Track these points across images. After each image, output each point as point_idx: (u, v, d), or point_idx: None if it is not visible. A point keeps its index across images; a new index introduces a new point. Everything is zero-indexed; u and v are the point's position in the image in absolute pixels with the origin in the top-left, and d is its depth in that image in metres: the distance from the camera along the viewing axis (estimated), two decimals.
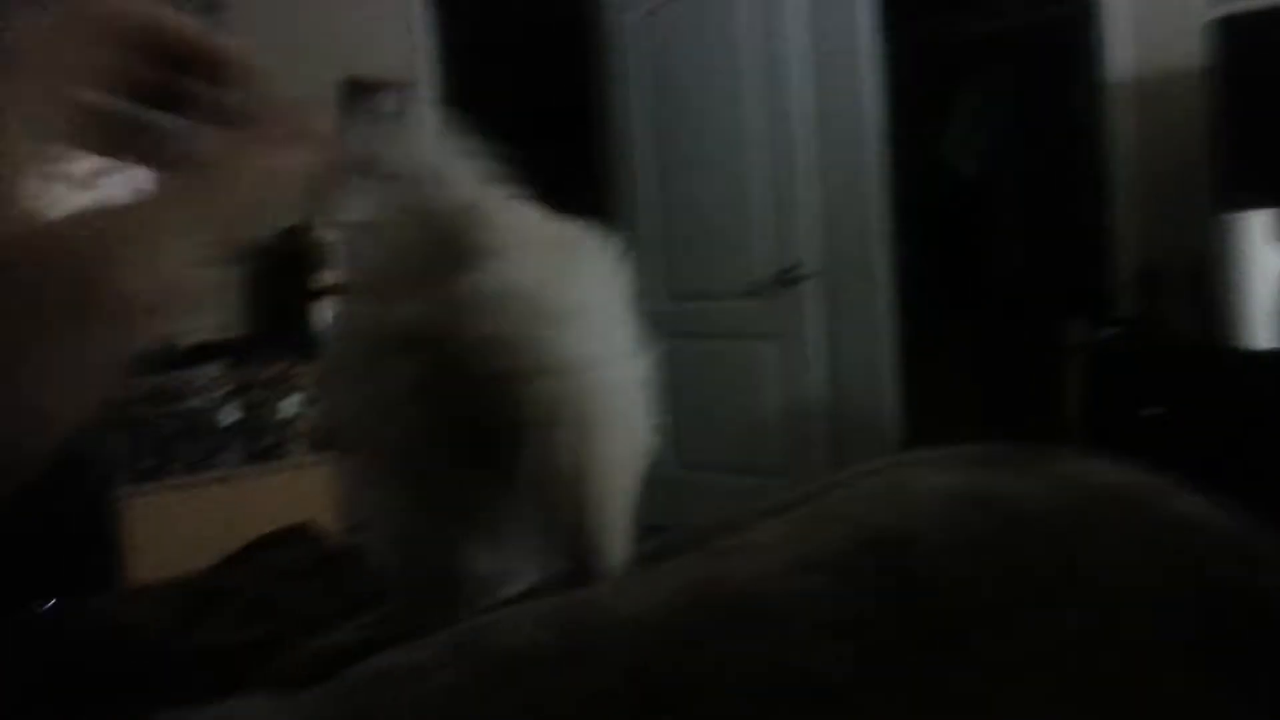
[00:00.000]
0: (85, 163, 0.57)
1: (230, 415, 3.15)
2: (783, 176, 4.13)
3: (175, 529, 2.98)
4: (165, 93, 0.57)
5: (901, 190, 4.00)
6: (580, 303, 0.73)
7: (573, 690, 0.49)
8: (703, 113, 4.35)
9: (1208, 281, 3.05)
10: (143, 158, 0.59)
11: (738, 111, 4.22)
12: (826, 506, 0.61)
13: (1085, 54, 3.63)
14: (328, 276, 3.63)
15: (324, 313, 3.62)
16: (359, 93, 4.19)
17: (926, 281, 4.05)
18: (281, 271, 3.77)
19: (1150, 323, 3.30)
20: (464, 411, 0.70)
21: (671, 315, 4.57)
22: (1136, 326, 3.30)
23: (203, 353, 3.41)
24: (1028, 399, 3.98)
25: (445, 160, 0.76)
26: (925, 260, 4.06)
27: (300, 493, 3.12)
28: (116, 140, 0.57)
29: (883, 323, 4.03)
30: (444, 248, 0.71)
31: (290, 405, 3.25)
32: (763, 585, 0.51)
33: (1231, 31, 2.98)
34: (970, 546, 0.50)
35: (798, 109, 4.05)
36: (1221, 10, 3.06)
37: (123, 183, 0.60)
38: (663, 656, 0.50)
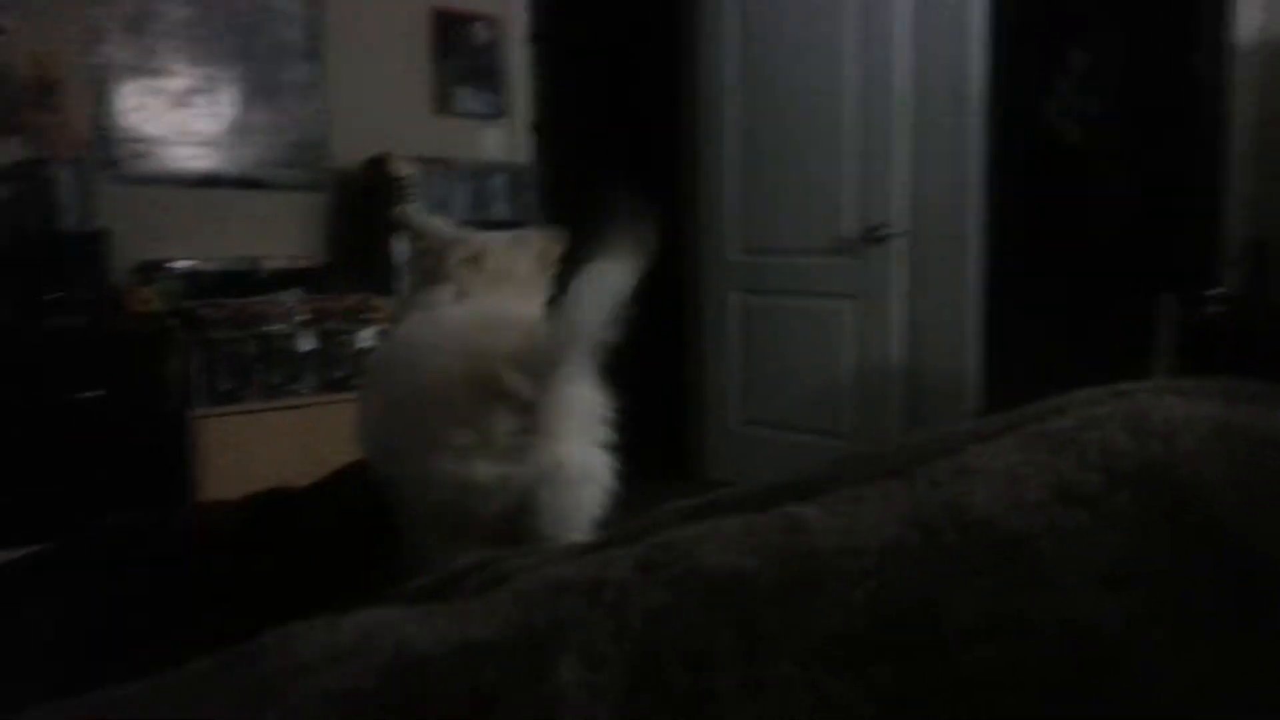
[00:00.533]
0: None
1: (307, 343, 3.17)
2: (875, 132, 4.00)
3: (248, 451, 3.02)
4: None
5: (1000, 153, 3.85)
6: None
7: (805, 626, 0.44)
8: (794, 62, 4.23)
9: None
10: None
11: (832, 63, 4.09)
12: (1059, 432, 0.55)
13: (1211, 15, 3.43)
14: (406, 211, 3.62)
15: (402, 246, 3.62)
16: (449, 25, 4.14)
17: (1019, 247, 3.90)
18: (363, 205, 3.78)
19: (1253, 297, 3.15)
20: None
21: (747, 269, 4.50)
22: (1239, 300, 3.15)
23: (285, 278, 3.43)
24: (1115, 373, 3.83)
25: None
26: (1020, 226, 3.91)
27: None
28: None
29: (969, 287, 3.90)
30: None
31: (365, 336, 3.26)
32: (1015, 519, 0.46)
33: None
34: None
35: (897, 64, 3.91)
36: None
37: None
38: (911, 595, 0.44)
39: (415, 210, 1.55)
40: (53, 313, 2.90)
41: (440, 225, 1.52)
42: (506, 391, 1.06)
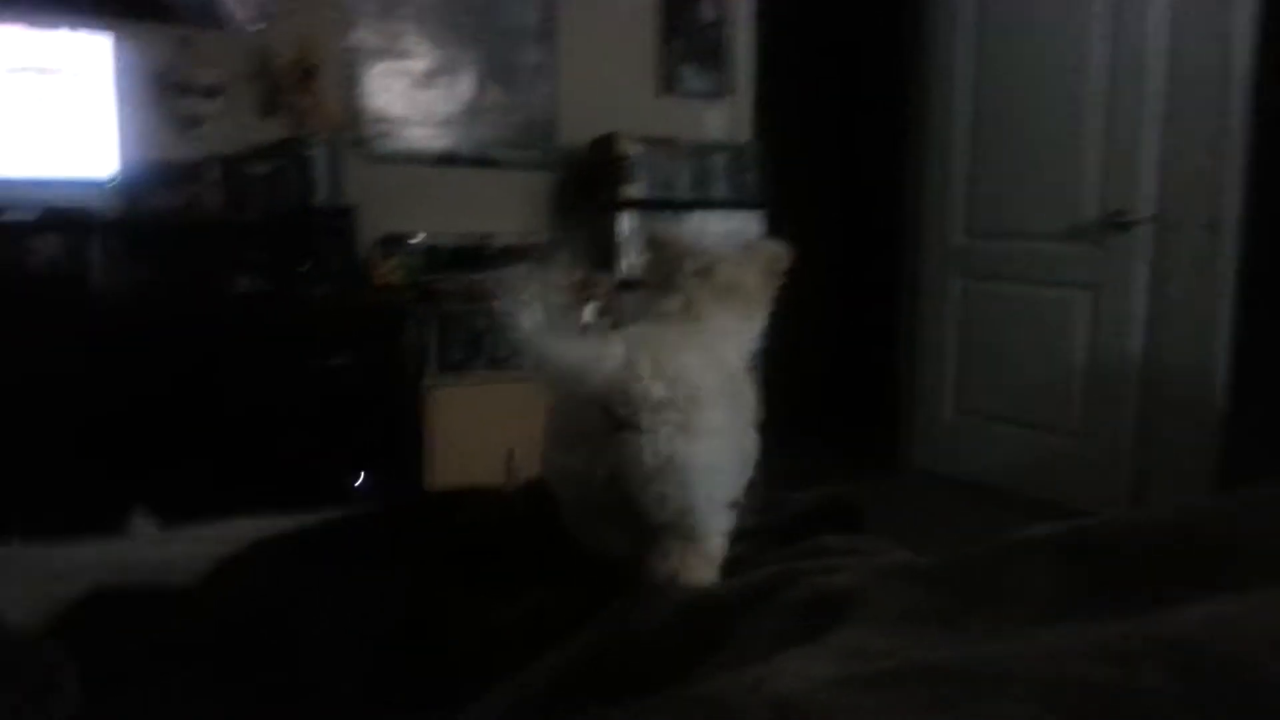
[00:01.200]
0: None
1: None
2: (1121, 110, 3.75)
3: (474, 420, 3.16)
4: None
5: (1266, 135, 3.53)
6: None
7: None
8: (1035, 34, 4.02)
9: None
10: None
11: (1078, 34, 3.85)
12: None
13: None
14: (630, 190, 3.67)
15: (624, 224, 3.67)
16: (677, 3, 4.16)
17: None
18: (588, 183, 3.86)
19: None
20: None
21: (971, 253, 4.33)
22: None
23: (513, 254, 3.55)
24: None
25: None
26: None
27: None
28: None
29: (1221, 281, 3.61)
30: None
31: (588, 311, 3.33)
32: None
33: None
34: None
35: (1152, 35, 3.64)
36: None
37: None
38: None
39: (660, 223, 1.56)
40: (305, 283, 3.11)
41: (679, 234, 1.52)
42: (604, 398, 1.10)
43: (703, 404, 1.11)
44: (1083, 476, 3.94)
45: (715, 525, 1.17)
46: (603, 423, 1.09)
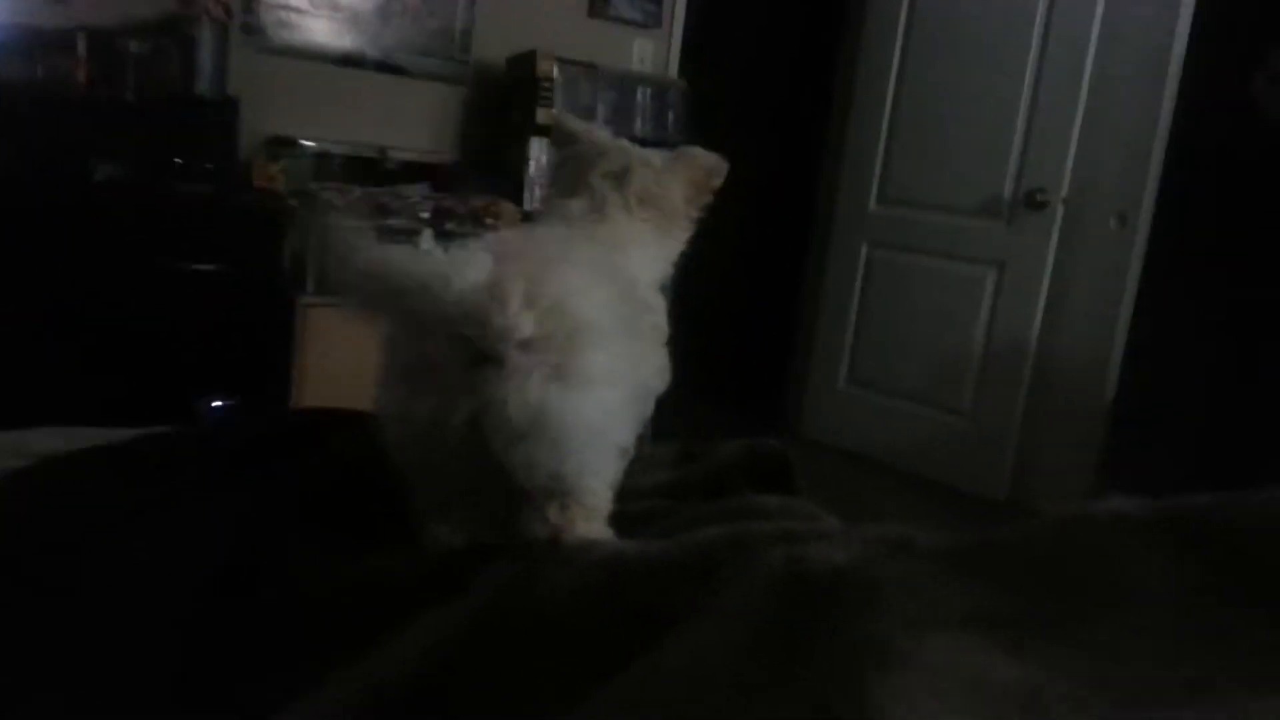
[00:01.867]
0: None
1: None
2: (1050, 92, 3.68)
3: (351, 344, 2.94)
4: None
5: (1191, 124, 3.50)
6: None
7: None
8: (972, 5, 3.90)
9: None
10: None
11: (1012, 12, 3.76)
12: None
13: None
14: (544, 115, 3.46)
15: (535, 150, 3.47)
16: None
17: (1196, 232, 3.56)
18: (502, 102, 3.64)
19: None
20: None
21: (884, 221, 4.24)
22: None
23: (412, 172, 3.33)
24: (1269, 384, 3.51)
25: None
26: (1203, 208, 3.56)
27: None
28: None
29: (1127, 268, 3.61)
30: None
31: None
32: None
33: None
34: None
35: (1087, 24, 3.57)
36: None
37: None
38: None
39: (566, 113, 1.37)
40: (176, 177, 2.84)
41: (596, 132, 1.34)
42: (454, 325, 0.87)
43: (586, 343, 0.88)
44: (967, 458, 3.93)
45: (601, 480, 0.96)
46: (456, 354, 0.86)
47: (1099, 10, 3.55)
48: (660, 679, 0.65)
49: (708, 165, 1.36)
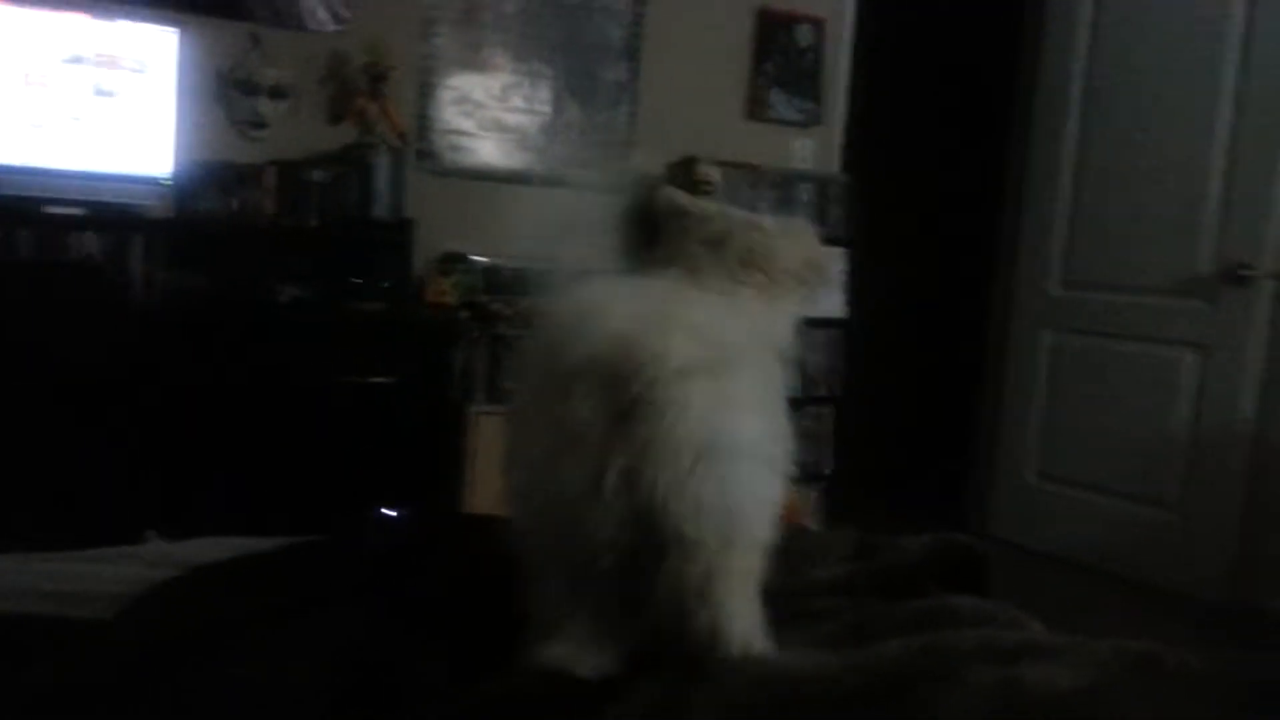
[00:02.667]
0: None
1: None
2: (1248, 157, 3.43)
3: None
4: None
5: None
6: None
7: None
8: (1153, 69, 3.71)
9: None
10: None
11: (1204, 70, 3.55)
12: None
13: None
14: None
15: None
16: (772, 25, 3.96)
17: None
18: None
19: None
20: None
21: (1068, 305, 4.01)
22: None
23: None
24: None
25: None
26: None
27: None
28: None
29: None
30: None
31: None
32: None
33: None
34: None
35: (1273, 73, 3.34)
36: None
37: None
38: None
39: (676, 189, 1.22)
40: (357, 296, 2.97)
41: (709, 206, 1.20)
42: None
43: (739, 365, 0.83)
44: (1180, 556, 3.58)
45: (760, 533, 0.86)
46: (602, 411, 0.78)
47: None
48: None
49: (816, 247, 1.22)
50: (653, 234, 1.18)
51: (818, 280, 1.20)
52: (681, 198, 1.22)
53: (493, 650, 0.89)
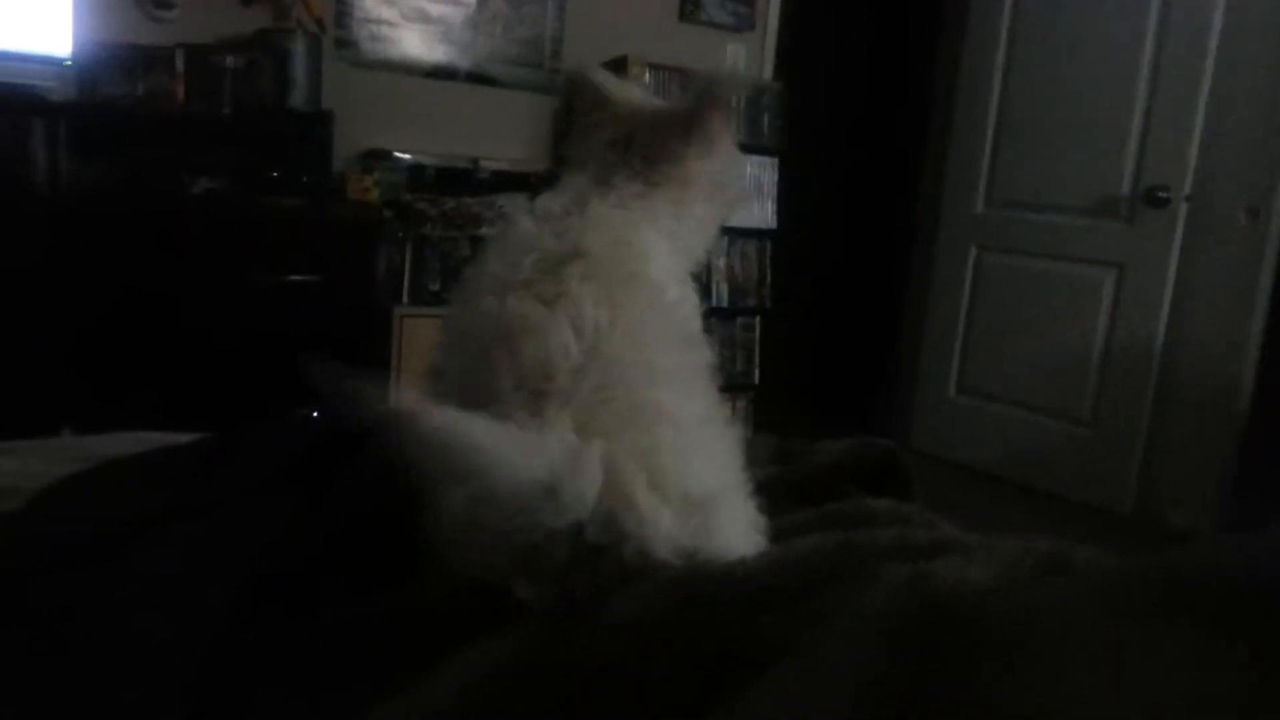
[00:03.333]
0: None
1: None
2: (1169, 84, 3.47)
3: None
4: None
5: None
6: None
7: None
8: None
9: None
10: None
11: (1127, 5, 3.56)
12: None
13: None
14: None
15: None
16: None
17: None
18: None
19: None
20: None
21: (993, 223, 4.06)
22: None
23: (504, 181, 3.28)
24: None
25: None
26: None
27: None
28: None
29: (1259, 264, 3.36)
30: None
31: None
32: None
33: None
34: None
35: (1207, 12, 3.36)
36: None
37: None
38: None
39: (588, 66, 1.10)
40: (275, 191, 2.85)
41: (622, 88, 1.10)
42: None
43: (723, 503, 0.77)
44: (1089, 470, 3.71)
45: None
46: (565, 547, 0.72)
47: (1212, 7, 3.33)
48: None
49: (723, 109, 1.08)
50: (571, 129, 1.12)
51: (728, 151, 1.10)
52: (593, 74, 1.11)
53: (406, 556, 0.86)
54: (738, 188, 1.15)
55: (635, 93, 1.11)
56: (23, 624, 0.73)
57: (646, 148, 1.02)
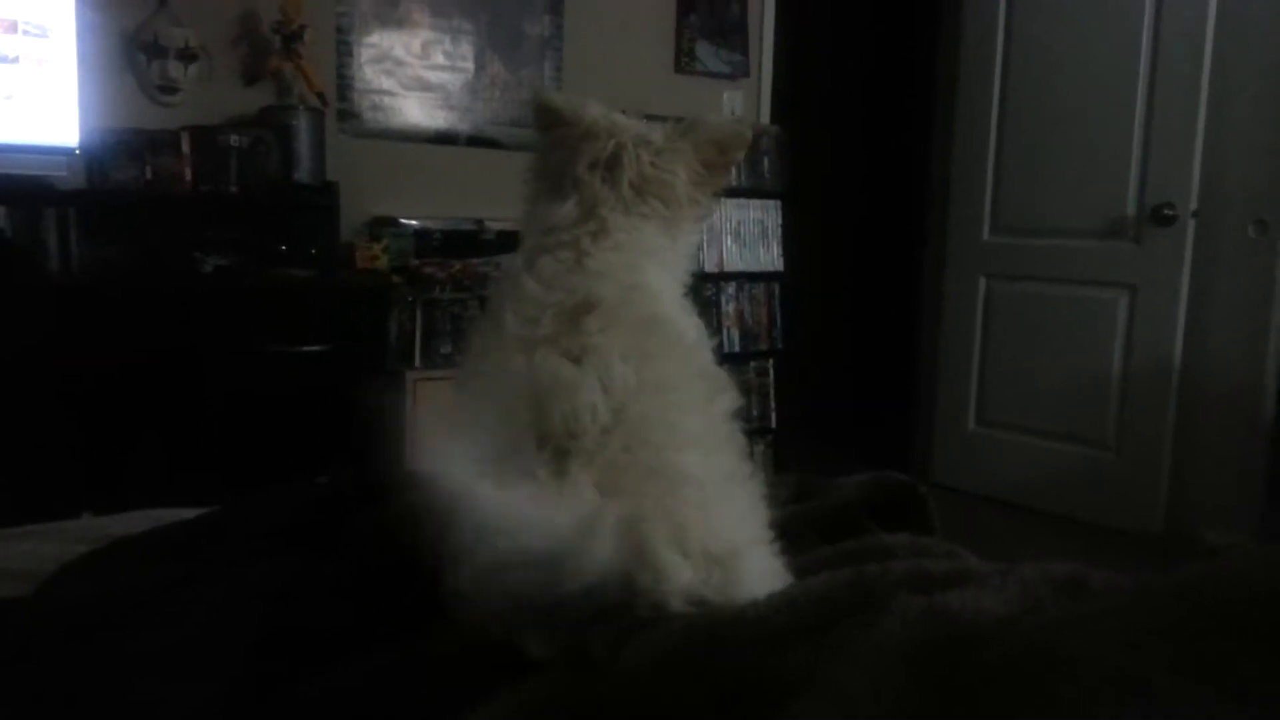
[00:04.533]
0: None
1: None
2: (1168, 100, 3.48)
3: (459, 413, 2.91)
4: None
5: None
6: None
7: None
8: (1075, 19, 3.73)
9: None
10: None
11: (1120, 21, 3.58)
12: None
13: None
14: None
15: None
16: None
17: None
18: None
19: None
20: None
21: (1001, 251, 4.05)
22: None
23: (512, 240, 3.30)
24: None
25: None
26: None
27: None
28: None
29: (1272, 276, 3.35)
30: None
31: None
32: None
33: None
34: None
35: (1202, 25, 3.37)
36: None
37: None
38: None
39: (549, 88, 1.09)
40: (284, 263, 2.88)
41: (589, 108, 1.07)
42: None
43: (746, 558, 0.76)
44: (1115, 494, 3.67)
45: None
46: (583, 605, 0.70)
47: (1212, 7, 3.35)
48: None
49: (722, 134, 1.07)
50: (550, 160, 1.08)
51: (722, 180, 1.09)
52: (555, 97, 1.10)
53: (422, 607, 0.85)
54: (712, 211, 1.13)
55: (607, 112, 1.08)
56: (32, 701, 0.72)
57: (639, 172, 1.01)
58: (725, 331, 3.76)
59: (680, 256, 1.06)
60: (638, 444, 0.80)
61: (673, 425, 0.82)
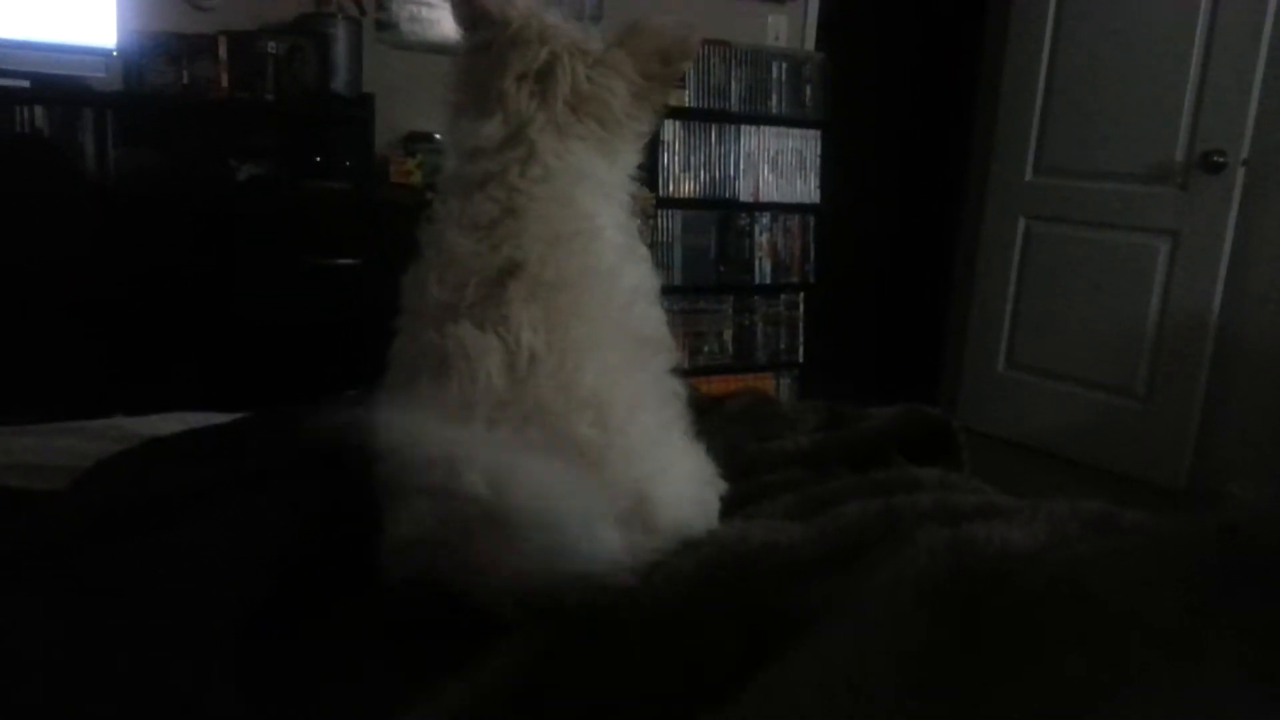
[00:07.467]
0: None
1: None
2: (1224, 46, 3.36)
3: None
4: None
5: None
6: None
7: None
8: None
9: None
10: None
11: None
12: None
13: None
14: (676, 97, 3.37)
15: (668, 135, 3.38)
16: None
17: None
18: None
19: None
20: None
21: (1043, 192, 3.98)
22: None
23: None
24: None
25: None
26: None
27: None
28: None
29: None
30: None
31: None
32: None
33: None
34: None
35: None
36: None
37: None
38: None
39: None
40: (318, 175, 2.87)
41: (516, 4, 0.95)
42: None
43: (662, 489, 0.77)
44: (1143, 445, 3.64)
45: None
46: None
47: None
48: (780, 702, 0.51)
49: (666, 41, 0.97)
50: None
51: (665, 94, 1.00)
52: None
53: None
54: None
55: (538, 10, 0.97)
56: (69, 596, 0.74)
57: (574, 86, 0.91)
58: (758, 262, 3.72)
59: (619, 180, 0.97)
60: (537, 414, 0.78)
61: (581, 399, 0.79)
